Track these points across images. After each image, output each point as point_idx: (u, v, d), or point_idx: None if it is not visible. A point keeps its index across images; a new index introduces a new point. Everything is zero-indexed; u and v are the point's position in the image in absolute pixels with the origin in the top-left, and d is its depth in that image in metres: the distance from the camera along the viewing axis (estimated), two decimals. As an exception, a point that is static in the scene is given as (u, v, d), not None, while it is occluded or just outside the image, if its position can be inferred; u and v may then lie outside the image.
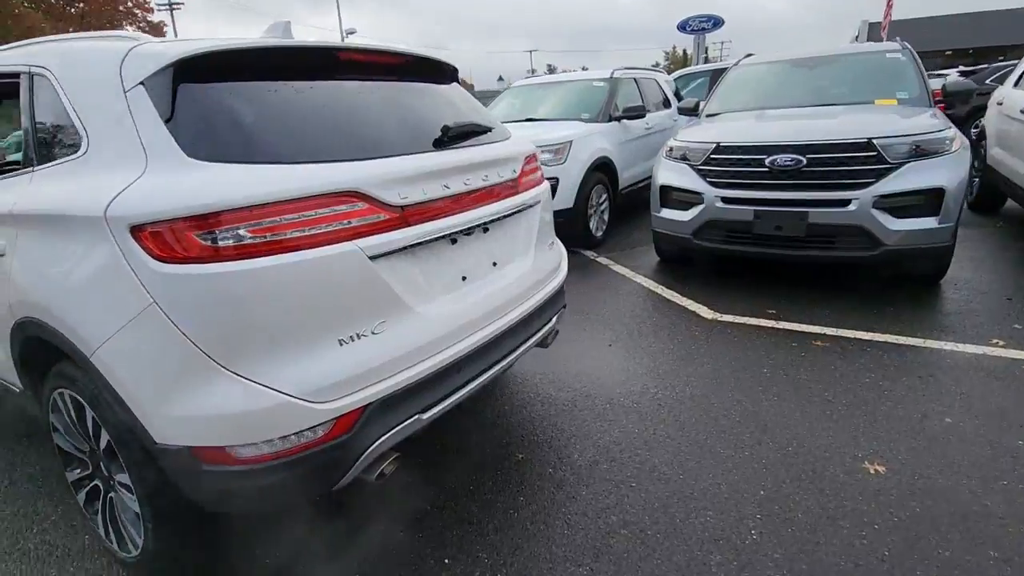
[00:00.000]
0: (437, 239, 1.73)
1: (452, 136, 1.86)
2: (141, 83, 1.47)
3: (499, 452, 2.38)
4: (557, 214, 4.99)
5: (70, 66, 1.66)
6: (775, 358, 3.02)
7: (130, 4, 41.41)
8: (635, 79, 6.83)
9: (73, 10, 38.52)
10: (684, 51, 59.28)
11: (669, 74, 9.58)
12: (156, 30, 41.78)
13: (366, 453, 1.52)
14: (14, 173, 1.83)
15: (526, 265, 2.16)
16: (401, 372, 1.58)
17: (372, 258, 1.50)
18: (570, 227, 5.27)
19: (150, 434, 1.40)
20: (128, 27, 41.51)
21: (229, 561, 1.80)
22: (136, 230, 1.31)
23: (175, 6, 37.83)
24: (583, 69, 7.34)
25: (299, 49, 1.70)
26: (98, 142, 1.52)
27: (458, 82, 2.41)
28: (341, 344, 1.46)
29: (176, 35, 38.98)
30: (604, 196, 5.74)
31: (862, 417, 2.42)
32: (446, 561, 1.82)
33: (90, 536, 2.00)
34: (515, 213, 2.11)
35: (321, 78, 1.72)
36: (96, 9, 39.21)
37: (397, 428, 1.57)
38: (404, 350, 1.59)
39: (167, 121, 1.43)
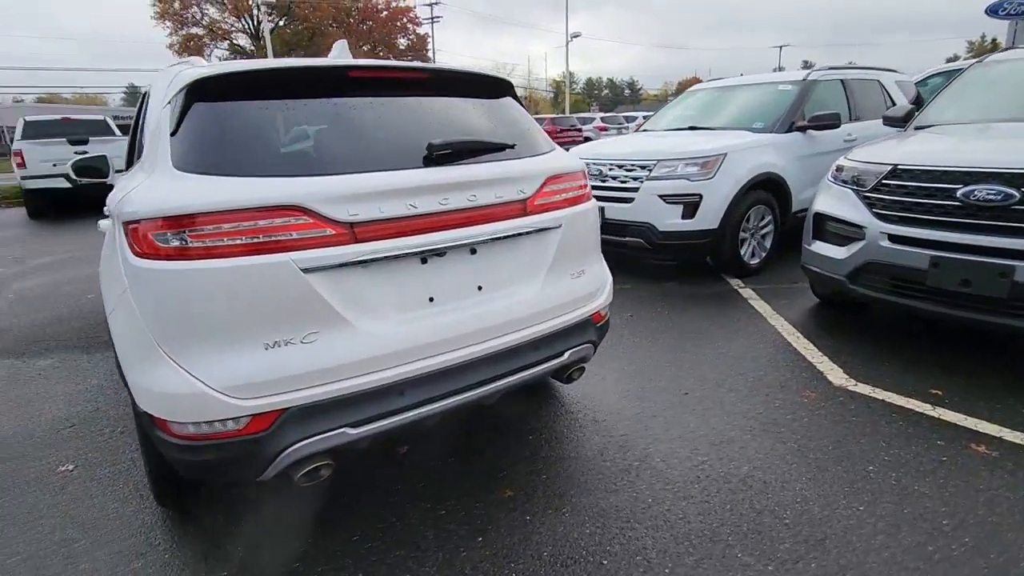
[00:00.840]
0: (398, 257, 1.70)
1: (440, 154, 1.80)
2: (169, 102, 1.75)
3: (491, 495, 2.26)
4: (695, 234, 4.54)
5: (153, 86, 2.04)
6: (899, 455, 2.28)
7: (404, 20, 48.81)
8: (842, 81, 5.72)
9: (364, 26, 46.83)
10: (993, 40, 46.84)
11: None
12: (421, 41, 48.73)
13: (284, 454, 1.58)
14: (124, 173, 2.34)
15: (527, 293, 2.00)
16: (329, 384, 1.61)
17: (305, 270, 1.55)
18: (712, 251, 4.71)
19: (133, 397, 1.67)
20: (401, 39, 49.21)
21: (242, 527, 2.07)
22: (125, 225, 1.57)
23: (436, 19, 43.39)
24: (849, 64, 6.40)
25: (300, 69, 1.82)
26: (145, 150, 1.85)
27: (512, 96, 2.33)
28: (266, 348, 1.54)
29: (433, 46, 44.75)
30: (768, 219, 4.96)
31: None
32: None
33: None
34: (517, 236, 1.96)
35: (320, 96, 1.82)
36: (380, 25, 47.14)
37: (319, 437, 1.61)
38: (335, 363, 1.61)
39: (172, 135, 1.67)
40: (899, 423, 2.52)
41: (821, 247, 3.56)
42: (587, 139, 19.39)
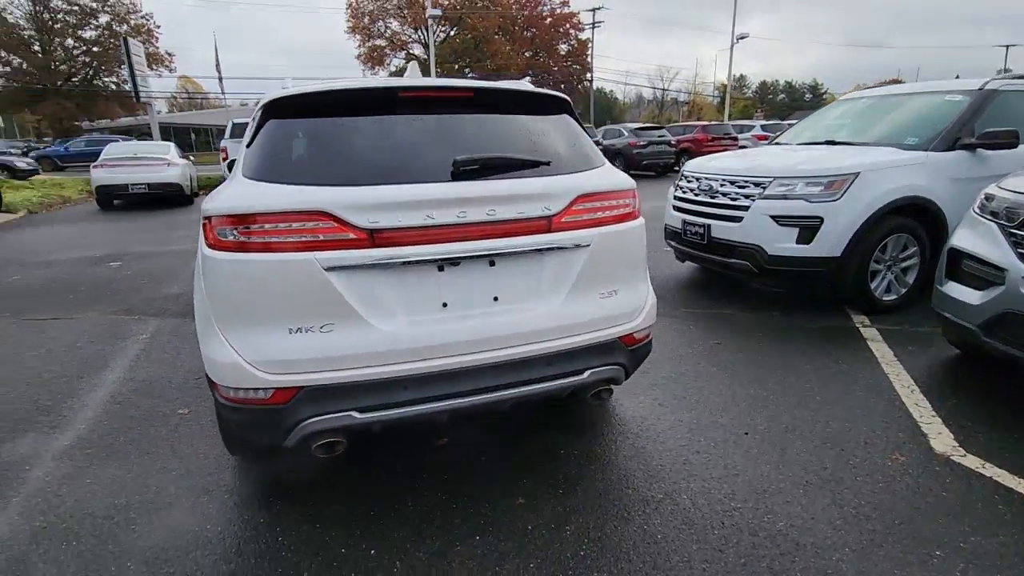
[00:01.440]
0: (415, 263, 1.85)
1: (465, 169, 1.91)
2: (253, 119, 2.09)
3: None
4: (810, 261, 4.08)
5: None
6: (980, 544, 1.90)
7: (567, 26, 49.60)
8: (1038, 90, 4.71)
9: (527, 33, 48.50)
10: None
11: None
12: (582, 46, 49.15)
13: (299, 426, 1.83)
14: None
15: (546, 308, 2.03)
16: (340, 370, 1.82)
17: (327, 268, 1.77)
18: (833, 281, 4.19)
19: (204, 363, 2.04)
20: (562, 44, 50.12)
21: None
22: (204, 220, 1.93)
23: (597, 24, 43.47)
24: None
25: (355, 91, 2.05)
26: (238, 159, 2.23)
27: (568, 112, 2.36)
28: (290, 332, 1.79)
29: (592, 50, 44.78)
30: (913, 250, 4.29)
31: None
32: None
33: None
34: (539, 252, 2.00)
35: (371, 114, 2.03)
36: (543, 32, 48.47)
37: (328, 416, 1.82)
38: (346, 352, 1.81)
39: (247, 147, 2.01)
40: (1000, 507, 2.08)
41: (954, 289, 3.03)
42: (742, 148, 18.10)
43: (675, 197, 5.17)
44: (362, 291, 1.82)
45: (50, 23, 37.85)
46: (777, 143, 5.77)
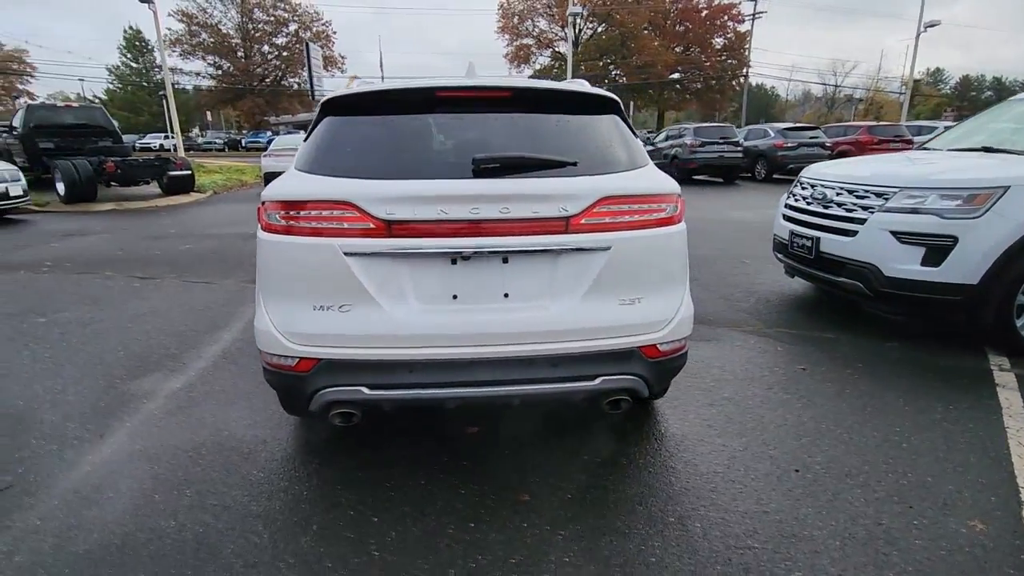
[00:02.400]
0: (427, 255, 1.95)
1: (484, 167, 1.96)
2: (315, 116, 2.33)
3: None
4: (938, 287, 3.49)
5: None
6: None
7: (725, 18, 46.66)
8: None
9: (679, 28, 46.49)
10: None
11: None
12: (740, 39, 45.93)
13: (318, 394, 2.02)
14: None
15: (558, 309, 2.01)
16: (354, 348, 1.98)
17: (347, 254, 1.93)
18: (969, 312, 3.55)
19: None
20: (718, 38, 47.20)
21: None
22: (260, 204, 2.21)
23: (758, 15, 40.30)
24: None
25: (395, 91, 2.19)
26: None
27: (614, 112, 2.30)
28: (313, 309, 1.99)
29: (750, 44, 41.65)
30: (1086, 282, 3.48)
31: None
32: None
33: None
34: (553, 252, 1.99)
35: (408, 112, 2.16)
36: (697, 25, 46.12)
37: (341, 388, 2.00)
38: (360, 332, 1.97)
39: (304, 141, 2.25)
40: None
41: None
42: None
43: (785, 205, 4.70)
44: (378, 277, 1.96)
45: (252, 32, 44.37)
46: (925, 148, 4.98)
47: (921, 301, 3.65)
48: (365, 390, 1.99)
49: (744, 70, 45.53)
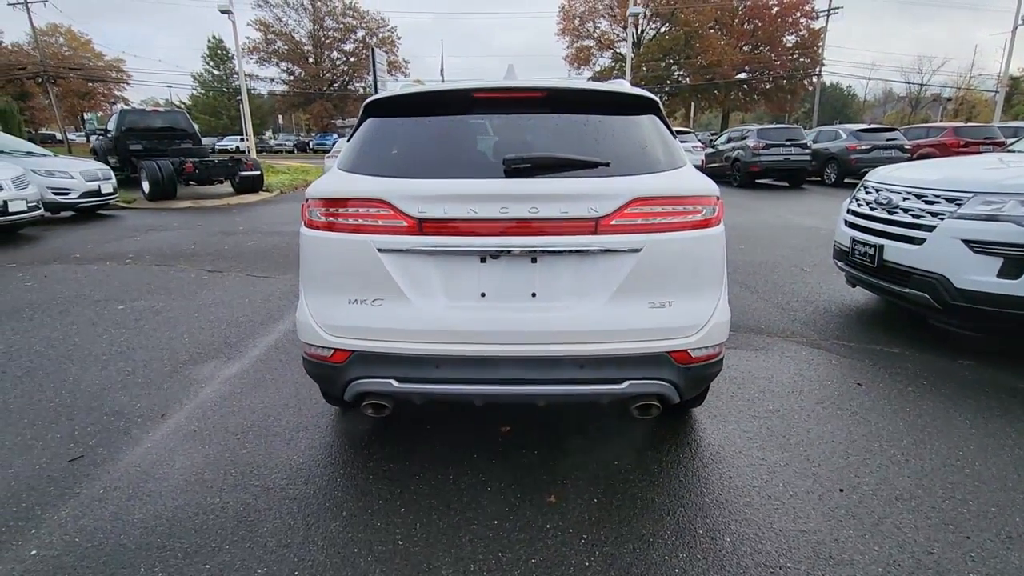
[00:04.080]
0: (457, 252, 1.99)
1: (515, 167, 1.97)
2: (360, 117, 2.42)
3: None
4: (1017, 302, 3.17)
5: None
6: None
7: (797, 14, 44.60)
8: None
9: (747, 26, 44.85)
10: None
11: None
12: (813, 36, 43.75)
13: (351, 384, 2.10)
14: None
15: (585, 310, 1.99)
16: (385, 341, 2.04)
17: (380, 250, 1.99)
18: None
19: None
20: (789, 36, 45.13)
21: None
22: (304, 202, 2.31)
23: (833, 11, 38.25)
24: None
25: (432, 93, 2.23)
26: None
27: (654, 113, 2.27)
28: (349, 303, 2.07)
29: (824, 41, 39.60)
30: None
31: None
32: None
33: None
34: (582, 252, 1.97)
35: (445, 114, 2.20)
36: (767, 23, 44.32)
37: (372, 380, 2.07)
38: (391, 326, 2.03)
39: (347, 140, 2.34)
40: None
41: None
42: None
43: (848, 210, 4.45)
44: (408, 273, 2.01)
45: (323, 39, 46.41)
46: (1011, 150, 4.58)
47: (997, 316, 3.35)
48: (394, 383, 2.04)
49: (817, 69, 43.33)
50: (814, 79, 43.42)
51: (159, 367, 3.54)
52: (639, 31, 42.93)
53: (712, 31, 43.04)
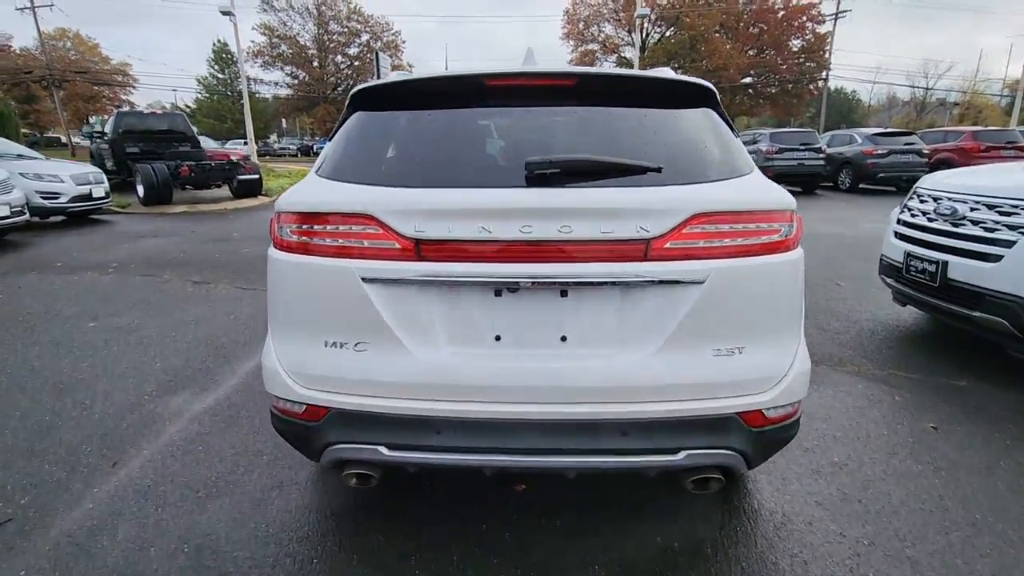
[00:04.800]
0: (464, 284, 1.53)
1: (539, 173, 1.52)
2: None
3: None
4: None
5: None
6: None
7: (804, 19, 44.18)
8: None
9: (753, 30, 44.47)
10: None
11: None
12: (820, 40, 43.31)
13: (328, 450, 1.64)
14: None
15: (631, 359, 1.53)
16: (370, 397, 1.58)
17: (365, 280, 1.54)
18: None
19: None
20: (794, 40, 44.69)
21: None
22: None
23: (840, 15, 37.79)
24: None
25: (433, 80, 1.77)
26: None
27: (709, 105, 1.81)
28: (325, 346, 1.61)
29: (832, 45, 39.16)
30: None
31: None
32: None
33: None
34: (627, 285, 1.51)
35: (450, 106, 1.75)
36: (773, 27, 43.94)
37: (355, 446, 1.61)
38: (378, 378, 1.57)
39: (328, 139, 1.89)
40: None
41: None
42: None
43: (899, 221, 3.97)
44: (401, 310, 1.55)
45: (327, 43, 46.18)
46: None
47: (1093, 347, 2.87)
48: (384, 450, 1.58)
49: (824, 73, 42.86)
50: (820, 83, 42.95)
51: (121, 399, 3.09)
52: (644, 35, 42.48)
53: (717, 35, 42.65)
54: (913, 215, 3.82)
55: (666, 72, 1.99)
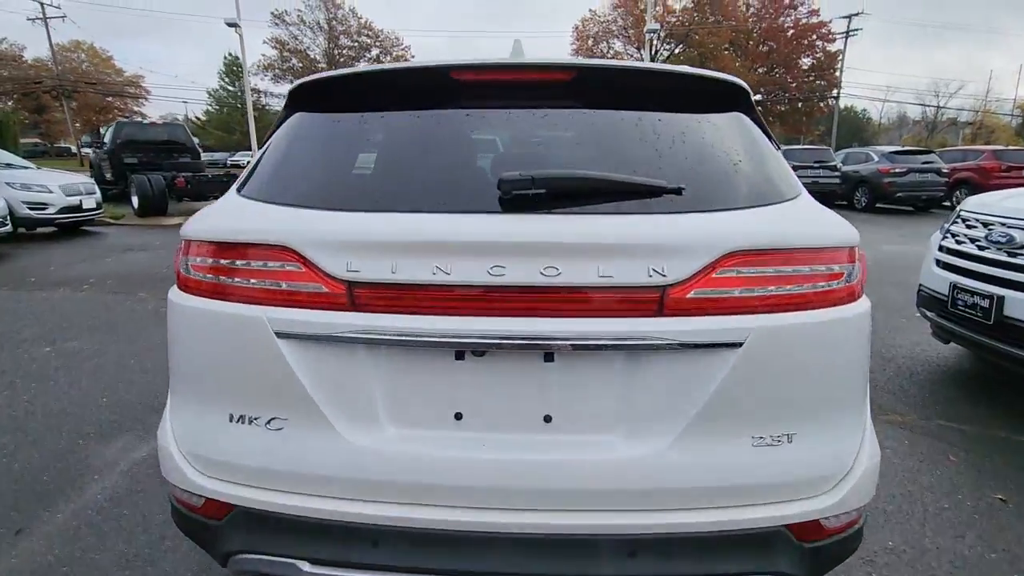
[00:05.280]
0: (414, 344, 1.12)
1: (518, 195, 1.11)
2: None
3: None
4: None
5: None
6: None
7: (814, 37, 44.11)
8: None
9: (763, 48, 44.42)
10: None
11: None
12: (831, 59, 43.15)
13: (232, 559, 1.23)
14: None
15: (640, 450, 1.11)
16: (287, 493, 1.17)
17: (279, 334, 1.14)
18: None
19: None
20: (805, 58, 44.56)
21: None
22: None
23: (852, 33, 37.58)
24: None
25: (395, 73, 1.36)
26: None
27: (742, 110, 1.41)
28: (231, 420, 1.20)
29: (843, 64, 38.92)
30: None
31: None
32: None
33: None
34: (635, 348, 1.10)
35: (406, 106, 1.36)
36: (783, 45, 43.87)
37: (267, 558, 1.19)
38: (299, 468, 1.16)
39: (260, 148, 1.50)
40: None
41: None
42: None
43: (942, 248, 3.53)
44: (329, 377, 1.15)
45: (338, 57, 46.46)
46: None
47: None
48: (305, 566, 1.16)
49: (834, 91, 42.61)
50: (831, 101, 42.68)
51: (52, 444, 2.69)
52: (653, 51, 42.44)
53: (727, 52, 42.54)
54: (959, 241, 3.38)
55: (684, 70, 1.59)
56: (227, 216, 1.27)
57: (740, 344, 1.09)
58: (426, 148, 1.30)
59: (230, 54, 50.27)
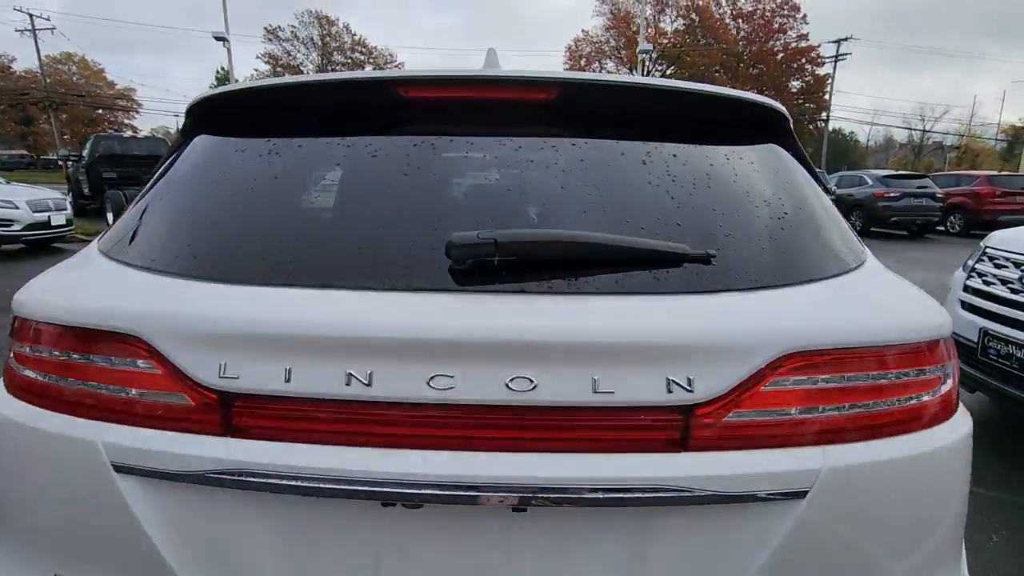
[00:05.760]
0: (319, 492, 0.75)
1: (477, 264, 0.76)
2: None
3: None
4: None
5: None
6: None
7: (803, 61, 44.80)
8: None
9: (751, 71, 45.07)
10: None
11: None
12: (819, 83, 43.79)
13: None
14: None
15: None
16: None
17: (117, 468, 0.77)
18: None
19: None
20: (794, 81, 45.18)
21: None
22: None
23: (841, 57, 38.11)
24: None
25: (323, 86, 1.03)
26: None
27: (780, 142, 1.08)
28: (54, 584, 0.83)
29: (832, 88, 39.45)
30: None
31: None
32: None
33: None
34: (648, 502, 0.74)
35: (334, 132, 1.00)
36: (772, 68, 44.55)
37: None
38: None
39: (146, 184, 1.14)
40: None
41: None
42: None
43: (967, 288, 3.22)
44: (192, 533, 0.77)
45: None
46: None
47: None
48: None
49: (823, 115, 43.11)
50: (819, 124, 43.16)
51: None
52: (645, 72, 42.87)
53: (718, 74, 43.04)
54: (987, 282, 3.07)
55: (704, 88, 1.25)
56: (66, 285, 0.90)
57: (804, 493, 0.73)
58: (353, 192, 0.94)
59: (222, 68, 50.19)
